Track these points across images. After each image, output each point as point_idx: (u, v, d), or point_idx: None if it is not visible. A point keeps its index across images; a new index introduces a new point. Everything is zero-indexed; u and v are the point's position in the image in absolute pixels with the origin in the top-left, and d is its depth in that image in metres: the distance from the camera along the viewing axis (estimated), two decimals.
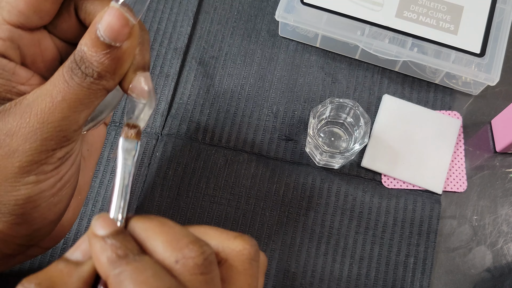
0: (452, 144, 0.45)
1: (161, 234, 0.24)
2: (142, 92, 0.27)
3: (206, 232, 0.26)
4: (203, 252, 0.23)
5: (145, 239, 0.24)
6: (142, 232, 0.24)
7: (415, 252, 0.42)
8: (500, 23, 0.45)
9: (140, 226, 0.24)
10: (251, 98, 0.46)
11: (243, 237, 0.26)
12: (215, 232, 0.26)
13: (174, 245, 0.23)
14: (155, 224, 0.24)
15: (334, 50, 0.48)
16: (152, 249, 0.24)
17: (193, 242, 0.24)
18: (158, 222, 0.25)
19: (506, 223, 0.43)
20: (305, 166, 0.44)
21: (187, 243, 0.23)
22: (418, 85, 0.47)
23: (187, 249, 0.23)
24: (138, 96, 0.27)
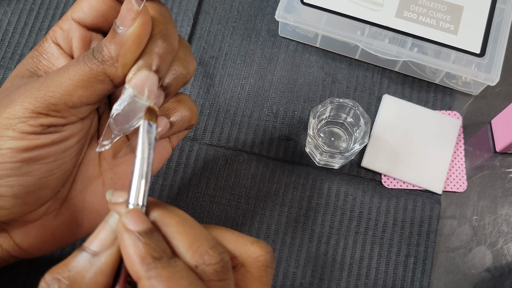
0: (452, 144, 0.45)
1: (183, 234, 0.24)
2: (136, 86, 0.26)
3: (223, 234, 0.26)
4: (222, 259, 0.24)
5: (166, 235, 0.24)
6: (163, 227, 0.24)
7: (415, 252, 0.42)
8: (500, 23, 0.45)
9: (162, 220, 0.24)
10: (251, 98, 0.46)
11: (260, 244, 0.26)
12: (231, 236, 0.26)
13: (195, 249, 0.23)
14: (177, 221, 0.24)
15: (334, 50, 0.48)
16: (172, 247, 0.24)
17: (213, 247, 0.24)
18: (179, 219, 0.24)
19: (506, 223, 0.43)
20: (305, 166, 0.44)
21: (208, 248, 0.24)
22: (418, 85, 0.47)
23: (207, 255, 0.23)
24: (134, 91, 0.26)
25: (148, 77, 0.26)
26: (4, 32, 0.47)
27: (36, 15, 0.48)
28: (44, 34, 0.47)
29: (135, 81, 0.25)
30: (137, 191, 0.24)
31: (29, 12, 0.48)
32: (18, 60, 0.46)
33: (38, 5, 0.48)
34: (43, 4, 0.48)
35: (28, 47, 0.47)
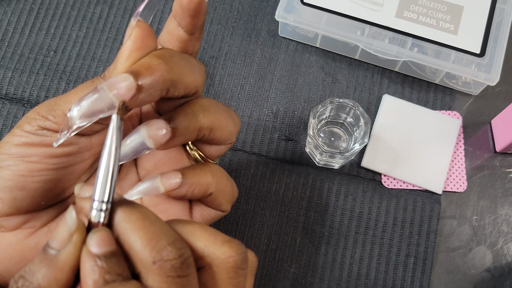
0: (452, 144, 0.45)
1: (141, 230, 0.23)
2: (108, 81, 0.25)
3: (194, 231, 0.25)
4: (181, 255, 0.23)
5: (125, 232, 0.23)
6: (122, 223, 0.23)
7: (415, 252, 0.42)
8: (500, 23, 0.45)
9: (122, 217, 0.24)
10: (251, 98, 0.46)
11: (231, 244, 0.25)
12: (203, 234, 0.25)
13: (153, 245, 0.23)
14: (137, 217, 0.23)
15: (334, 50, 0.48)
16: (131, 245, 0.23)
17: (172, 243, 0.23)
18: (140, 215, 0.24)
19: (506, 223, 0.43)
20: (305, 166, 0.44)
21: (166, 244, 0.23)
22: (418, 85, 0.47)
23: (165, 250, 0.23)
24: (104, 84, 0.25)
25: (124, 78, 0.24)
26: (4, 32, 0.47)
27: (36, 15, 0.48)
28: (44, 34, 0.47)
29: (110, 79, 0.25)
30: (103, 187, 0.24)
31: (29, 12, 0.48)
32: (18, 60, 0.46)
33: (38, 5, 0.48)
34: (43, 4, 0.48)
35: (28, 47, 0.47)
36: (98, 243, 0.23)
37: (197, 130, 0.28)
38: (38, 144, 0.27)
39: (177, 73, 0.26)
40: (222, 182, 0.30)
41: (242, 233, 0.42)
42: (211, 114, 0.28)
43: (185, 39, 0.29)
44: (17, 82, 0.45)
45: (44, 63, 0.46)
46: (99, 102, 0.25)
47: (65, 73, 0.46)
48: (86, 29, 0.48)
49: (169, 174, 0.29)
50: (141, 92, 0.25)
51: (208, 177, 0.29)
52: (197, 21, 0.28)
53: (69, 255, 0.23)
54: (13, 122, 0.44)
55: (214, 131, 0.29)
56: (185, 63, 0.27)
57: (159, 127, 0.27)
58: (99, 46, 0.47)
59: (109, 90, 0.24)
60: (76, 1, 0.49)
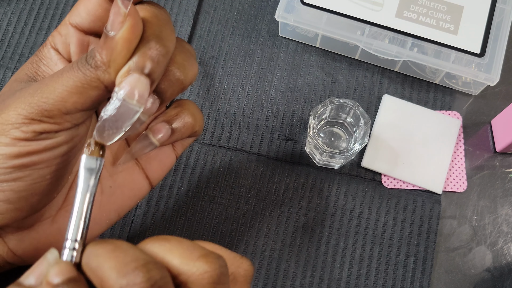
0: (452, 144, 0.45)
1: (111, 259, 0.23)
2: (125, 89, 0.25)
3: (170, 249, 0.24)
4: (150, 278, 0.22)
5: (97, 266, 0.23)
6: (94, 258, 0.23)
7: (415, 252, 0.42)
8: (500, 23, 0.45)
9: (93, 252, 0.23)
10: (251, 98, 0.46)
11: (206, 258, 0.24)
12: (179, 250, 0.24)
13: (121, 270, 0.22)
14: (108, 249, 0.23)
15: (334, 50, 0.48)
16: (102, 276, 0.23)
17: (140, 267, 0.22)
18: (111, 246, 0.23)
19: (506, 223, 0.43)
20: (305, 166, 0.44)
21: (134, 267, 0.22)
22: (418, 85, 0.47)
23: (132, 274, 0.22)
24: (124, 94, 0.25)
25: (138, 80, 0.25)
26: (4, 32, 0.47)
27: (36, 15, 0.48)
28: (44, 34, 0.47)
29: (124, 84, 0.24)
30: (76, 227, 0.24)
31: (29, 12, 0.48)
32: (18, 60, 0.46)
33: (38, 5, 0.48)
34: (43, 4, 0.48)
35: (28, 47, 0.47)
36: (57, 272, 0.23)
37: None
38: (43, 149, 0.26)
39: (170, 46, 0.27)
40: (199, 116, 0.33)
41: (242, 233, 0.42)
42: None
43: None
44: None
45: None
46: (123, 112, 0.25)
47: None
48: None
49: (158, 128, 0.30)
50: (154, 83, 0.26)
51: (191, 118, 0.32)
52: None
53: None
54: None
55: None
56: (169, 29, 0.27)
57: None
58: None
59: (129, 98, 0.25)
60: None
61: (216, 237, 0.42)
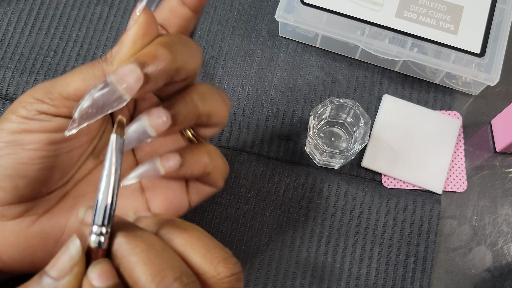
0: (452, 144, 0.45)
1: (147, 263, 0.22)
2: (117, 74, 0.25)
3: (191, 244, 0.24)
4: None
5: (129, 265, 0.23)
6: (127, 257, 0.23)
7: (415, 252, 0.42)
8: (500, 23, 0.45)
9: (125, 247, 0.23)
10: (251, 98, 0.46)
11: (226, 264, 0.24)
12: (201, 248, 0.24)
13: (159, 281, 0.22)
14: (141, 250, 0.23)
15: (334, 50, 0.48)
16: (135, 279, 0.23)
17: (179, 279, 0.22)
18: (145, 246, 0.23)
19: (506, 223, 0.43)
20: (305, 166, 0.44)
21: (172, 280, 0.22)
22: (418, 85, 0.47)
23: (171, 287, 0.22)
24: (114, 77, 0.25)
25: (132, 70, 0.25)
26: (4, 32, 0.47)
27: (36, 15, 0.48)
28: (44, 34, 0.47)
29: (118, 71, 0.25)
30: (103, 211, 0.23)
31: (29, 12, 0.48)
32: (18, 60, 0.46)
33: (38, 5, 0.48)
34: (43, 4, 0.48)
35: (28, 47, 0.47)
36: (100, 276, 0.23)
37: (196, 117, 0.29)
38: (38, 130, 0.27)
39: (181, 60, 0.26)
40: (217, 161, 0.31)
41: (242, 233, 0.42)
42: (209, 101, 0.29)
43: (189, 17, 0.29)
44: (17, 82, 0.45)
45: (44, 63, 0.46)
46: (109, 96, 0.25)
47: (65, 73, 0.46)
48: (86, 29, 0.48)
49: (168, 156, 0.29)
50: (148, 83, 0.25)
51: (205, 158, 0.30)
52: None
53: (69, 285, 0.23)
54: None
55: (211, 116, 0.29)
56: (187, 48, 0.27)
57: (160, 115, 0.27)
58: (99, 46, 0.47)
59: (118, 83, 0.25)
60: (76, 1, 0.49)
61: (216, 237, 0.42)
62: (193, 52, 0.28)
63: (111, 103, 0.25)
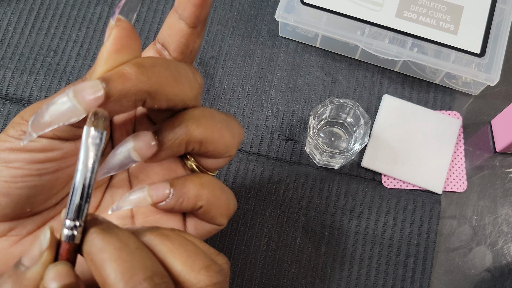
0: (452, 144, 0.45)
1: (116, 261, 0.22)
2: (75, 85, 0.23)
3: (172, 250, 0.23)
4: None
5: (100, 264, 0.22)
6: (98, 253, 0.22)
7: (415, 252, 0.42)
8: (500, 23, 0.45)
9: (97, 244, 0.22)
10: (251, 98, 0.46)
11: (208, 271, 0.23)
12: (181, 255, 0.23)
13: (127, 279, 0.21)
14: (114, 246, 0.22)
15: (334, 50, 0.48)
16: (106, 277, 0.22)
17: (149, 278, 0.22)
18: (118, 243, 0.22)
19: (506, 223, 0.43)
20: (305, 166, 0.44)
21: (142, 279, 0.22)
22: (418, 85, 0.47)
23: (139, 287, 0.21)
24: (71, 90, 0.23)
25: (92, 86, 0.23)
26: (4, 32, 0.47)
27: (36, 15, 0.48)
28: (44, 34, 0.47)
29: (79, 84, 0.23)
30: (75, 205, 0.23)
31: (29, 12, 0.48)
32: (18, 60, 0.46)
33: (38, 5, 0.48)
34: (43, 4, 0.48)
35: (28, 47, 0.47)
36: (55, 276, 0.22)
37: (184, 143, 0.26)
38: (21, 149, 0.26)
39: (155, 85, 0.24)
40: (214, 194, 0.28)
41: (242, 233, 0.42)
42: (202, 127, 0.26)
43: (186, 33, 0.27)
44: (17, 82, 0.45)
45: (44, 63, 0.46)
46: (64, 108, 0.23)
47: (65, 73, 0.46)
48: (86, 29, 0.48)
49: (158, 185, 0.27)
50: (110, 102, 0.23)
51: (198, 189, 0.27)
52: (201, 12, 0.26)
53: (36, 274, 0.22)
54: None
55: (205, 144, 0.27)
56: (170, 73, 0.25)
57: (146, 140, 0.25)
58: (99, 46, 0.47)
59: (74, 96, 0.23)
60: (76, 1, 0.49)
61: (216, 237, 0.42)
62: (179, 79, 0.25)
63: (66, 116, 0.23)
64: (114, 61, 0.24)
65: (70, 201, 0.23)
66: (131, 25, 0.24)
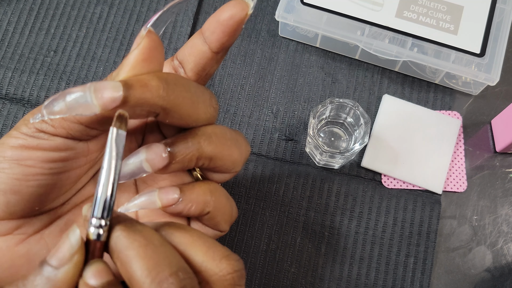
0: (452, 144, 0.45)
1: (143, 258, 0.22)
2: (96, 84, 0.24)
3: (192, 242, 0.24)
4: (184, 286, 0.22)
5: (126, 259, 0.23)
6: (124, 250, 0.23)
7: (415, 252, 0.42)
8: (500, 23, 0.45)
9: (122, 241, 0.23)
10: (251, 98, 0.46)
11: (229, 260, 0.24)
12: (201, 246, 0.24)
13: (154, 276, 0.22)
14: (139, 243, 0.23)
15: (334, 50, 0.48)
16: (131, 273, 0.22)
17: (175, 274, 0.22)
18: (143, 240, 0.23)
19: (506, 223, 0.43)
20: (305, 166, 0.44)
21: (168, 275, 0.22)
22: (418, 85, 0.47)
23: (166, 283, 0.22)
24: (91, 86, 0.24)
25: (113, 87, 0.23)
26: (4, 32, 0.47)
27: (36, 15, 0.48)
28: (44, 34, 0.47)
29: (100, 82, 0.24)
30: (101, 203, 0.23)
31: (29, 12, 0.48)
32: (18, 60, 0.46)
33: (38, 5, 0.48)
34: (43, 4, 0.48)
35: (28, 47, 0.47)
36: (94, 273, 0.23)
37: (195, 159, 0.27)
38: (35, 147, 0.26)
39: (172, 103, 0.25)
40: (220, 201, 0.29)
41: (242, 233, 0.42)
42: (213, 144, 0.27)
43: (207, 56, 0.28)
44: (17, 82, 0.45)
45: (44, 63, 0.46)
46: (81, 101, 0.24)
47: (65, 73, 0.46)
48: (86, 29, 0.48)
49: (167, 190, 0.28)
50: (126, 106, 0.24)
51: (206, 196, 0.28)
52: (228, 40, 0.27)
53: (69, 275, 0.23)
54: (13, 122, 0.44)
55: (215, 160, 0.28)
56: (189, 95, 0.26)
57: (158, 152, 0.26)
58: (99, 46, 0.47)
59: (94, 92, 0.23)
60: (76, 1, 0.49)
61: None
62: (196, 102, 0.26)
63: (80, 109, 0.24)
64: (139, 69, 0.25)
65: (96, 199, 0.23)
66: (159, 38, 0.26)
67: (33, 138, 0.26)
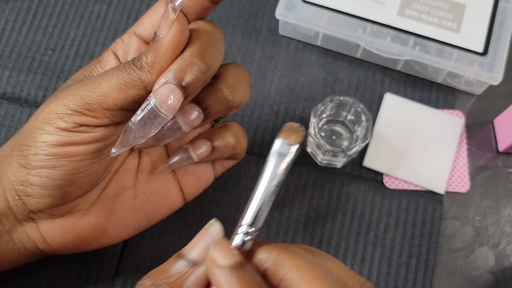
0: (455, 143, 0.44)
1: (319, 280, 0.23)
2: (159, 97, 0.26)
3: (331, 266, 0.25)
4: None
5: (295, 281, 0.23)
6: (291, 271, 0.23)
7: (417, 253, 0.41)
8: (503, 21, 0.44)
9: (290, 264, 0.23)
10: (252, 98, 0.46)
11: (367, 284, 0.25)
12: (338, 269, 0.25)
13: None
14: (307, 265, 0.23)
15: (335, 48, 0.47)
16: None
17: None
18: (308, 263, 0.23)
19: (509, 224, 0.43)
20: (306, 166, 0.44)
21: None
22: (420, 84, 0.47)
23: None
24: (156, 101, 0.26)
25: (172, 91, 0.26)
26: (1, 31, 0.47)
27: (34, 13, 0.47)
28: (42, 32, 0.47)
29: (158, 92, 0.26)
30: (255, 213, 0.24)
31: (27, 10, 0.48)
32: (16, 59, 0.46)
33: (36, 3, 0.48)
34: (41, 3, 0.48)
35: (26, 46, 0.46)
36: (222, 253, 0.24)
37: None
38: (81, 142, 0.28)
39: (214, 65, 0.27)
40: (243, 139, 0.34)
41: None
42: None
43: (207, 7, 0.30)
44: (15, 81, 0.45)
45: (42, 62, 0.46)
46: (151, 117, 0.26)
47: (63, 72, 0.46)
48: (84, 27, 0.47)
49: (200, 144, 0.32)
50: (188, 97, 0.27)
51: (233, 139, 0.33)
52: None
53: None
54: (11, 122, 0.44)
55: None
56: (217, 48, 0.28)
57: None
58: (98, 45, 0.47)
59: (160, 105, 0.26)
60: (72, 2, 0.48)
61: None
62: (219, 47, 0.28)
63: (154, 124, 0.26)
64: (176, 53, 0.27)
65: (249, 207, 0.24)
66: (186, 20, 0.28)
67: (76, 133, 0.27)
